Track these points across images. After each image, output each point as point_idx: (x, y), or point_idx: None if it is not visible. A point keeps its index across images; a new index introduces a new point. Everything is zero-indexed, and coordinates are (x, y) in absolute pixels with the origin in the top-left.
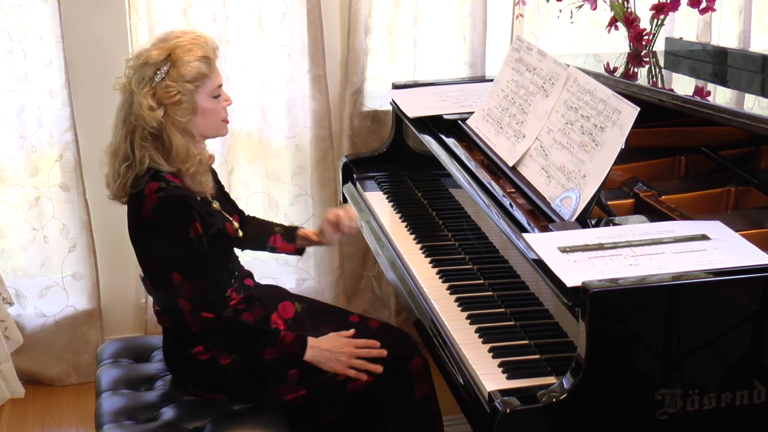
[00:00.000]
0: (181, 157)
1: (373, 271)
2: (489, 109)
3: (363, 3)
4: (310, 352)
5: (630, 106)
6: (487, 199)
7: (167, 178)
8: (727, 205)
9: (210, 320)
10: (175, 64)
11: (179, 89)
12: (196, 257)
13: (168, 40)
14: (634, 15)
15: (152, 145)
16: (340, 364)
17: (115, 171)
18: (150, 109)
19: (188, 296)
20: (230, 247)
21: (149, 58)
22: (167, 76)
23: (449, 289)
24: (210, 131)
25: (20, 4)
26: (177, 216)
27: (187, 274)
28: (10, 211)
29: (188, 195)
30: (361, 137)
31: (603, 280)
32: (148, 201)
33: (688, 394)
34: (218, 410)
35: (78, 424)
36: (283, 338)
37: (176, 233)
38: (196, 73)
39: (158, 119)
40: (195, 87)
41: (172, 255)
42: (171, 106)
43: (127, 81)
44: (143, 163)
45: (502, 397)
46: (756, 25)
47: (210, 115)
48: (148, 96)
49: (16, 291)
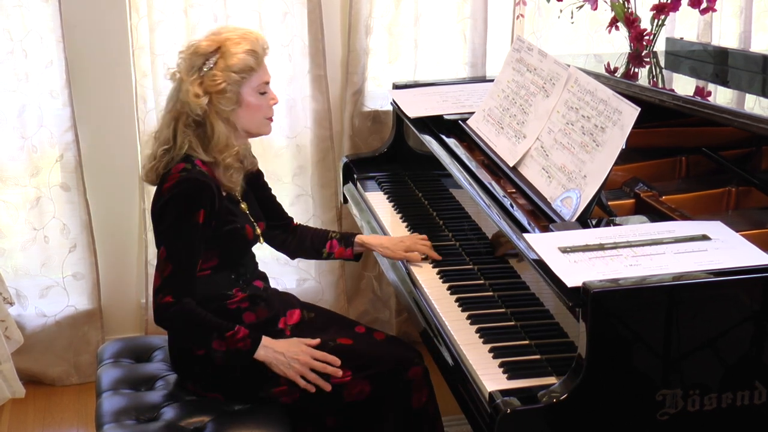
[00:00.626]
0: (220, 145)
1: (373, 272)
2: (490, 110)
3: (364, 3)
4: (263, 352)
5: (631, 107)
6: (487, 200)
7: (196, 162)
8: (727, 206)
9: (168, 303)
10: (223, 55)
11: (225, 79)
12: (188, 242)
13: (219, 33)
14: (634, 15)
15: (194, 133)
16: (292, 371)
17: (153, 153)
18: (195, 96)
19: (162, 273)
20: (246, 248)
21: (199, 49)
22: (215, 66)
23: (450, 290)
24: (253, 127)
25: (21, 4)
26: (188, 197)
27: (172, 253)
28: (10, 211)
29: (208, 182)
30: (361, 137)
31: (604, 281)
32: (171, 178)
33: (688, 394)
34: (219, 410)
35: (78, 424)
36: (234, 333)
37: (181, 212)
38: (243, 65)
39: (203, 107)
40: (241, 78)
41: (168, 230)
42: (216, 94)
43: (177, 69)
44: (182, 148)
45: (503, 397)
46: (756, 26)
47: (254, 110)
48: (195, 84)
49: (16, 291)
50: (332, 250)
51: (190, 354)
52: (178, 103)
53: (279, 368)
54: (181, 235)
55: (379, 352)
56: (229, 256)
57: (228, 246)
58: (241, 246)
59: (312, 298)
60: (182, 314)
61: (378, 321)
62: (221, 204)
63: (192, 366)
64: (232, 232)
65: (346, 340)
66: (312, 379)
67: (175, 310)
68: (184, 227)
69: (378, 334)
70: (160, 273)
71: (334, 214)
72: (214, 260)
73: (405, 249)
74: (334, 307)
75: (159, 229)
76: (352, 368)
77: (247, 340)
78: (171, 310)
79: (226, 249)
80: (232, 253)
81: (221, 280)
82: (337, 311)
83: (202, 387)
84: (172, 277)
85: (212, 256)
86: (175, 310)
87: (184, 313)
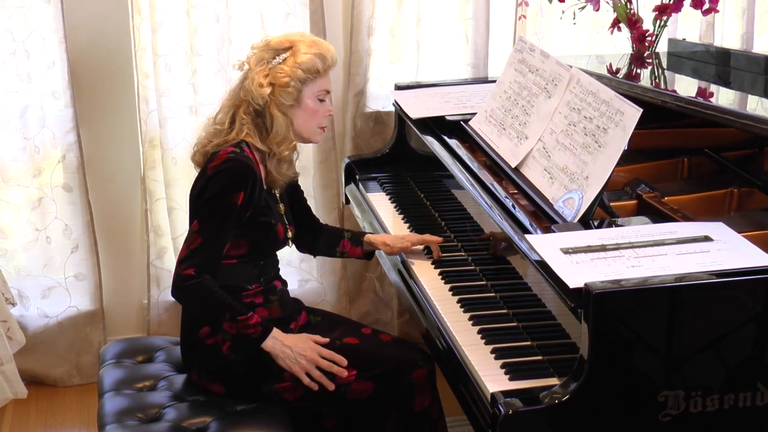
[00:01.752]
0: (279, 137)
1: (375, 273)
2: (492, 111)
3: (366, 4)
4: (270, 342)
5: (633, 108)
6: (489, 201)
7: (245, 149)
8: (730, 207)
9: (188, 276)
10: (294, 53)
11: (291, 74)
12: (221, 220)
13: (295, 35)
14: (636, 16)
15: (253, 121)
16: (297, 366)
17: (208, 135)
18: (259, 86)
19: (190, 245)
20: (275, 245)
21: (272, 44)
22: (284, 61)
23: (451, 290)
24: (305, 131)
25: (23, 5)
26: (231, 177)
27: (203, 227)
28: (13, 212)
29: (252, 167)
30: (363, 138)
31: (606, 282)
32: (217, 159)
33: (690, 395)
34: (221, 411)
35: (81, 425)
36: (247, 318)
37: (221, 190)
38: (311, 65)
39: (264, 97)
40: (305, 77)
41: (205, 205)
42: (278, 87)
43: (246, 60)
44: (239, 133)
45: (505, 398)
46: (759, 27)
47: (310, 115)
48: (261, 74)
49: (18, 291)
50: (345, 249)
51: (199, 342)
52: (242, 90)
53: (285, 362)
54: (216, 211)
55: (384, 353)
56: (257, 249)
57: (259, 238)
58: (271, 242)
59: (314, 299)
60: (199, 288)
61: (380, 322)
62: (261, 194)
63: (200, 353)
64: (266, 225)
65: (352, 340)
66: (317, 377)
67: (193, 283)
68: (221, 204)
69: (384, 336)
70: (187, 245)
71: (336, 215)
72: (243, 248)
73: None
74: (336, 308)
75: (196, 203)
76: (356, 367)
77: (258, 328)
78: (189, 283)
79: (256, 241)
80: (261, 247)
81: (244, 273)
82: (339, 312)
83: (207, 377)
84: (198, 250)
85: (242, 245)
86: (194, 283)
87: (202, 288)
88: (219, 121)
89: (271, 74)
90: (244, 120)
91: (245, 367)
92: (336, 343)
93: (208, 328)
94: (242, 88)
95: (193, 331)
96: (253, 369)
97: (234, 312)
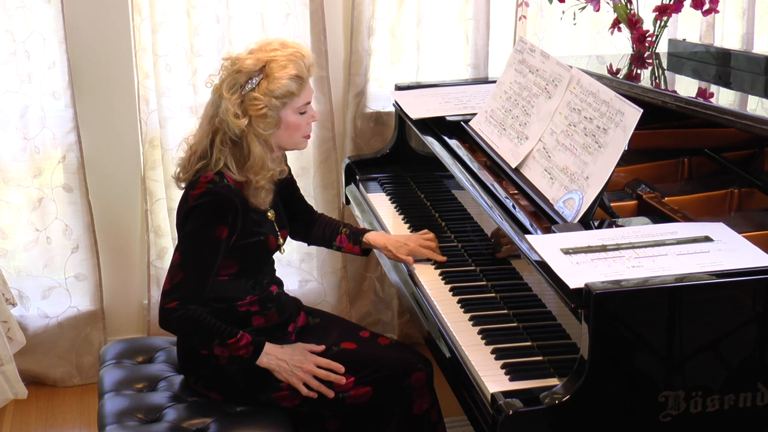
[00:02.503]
0: (255, 168)
1: (375, 273)
2: (492, 111)
3: (366, 4)
4: (265, 360)
5: (633, 108)
6: (489, 201)
7: (226, 176)
8: (730, 207)
9: (172, 309)
10: (267, 77)
11: (266, 103)
12: (203, 255)
13: (265, 51)
14: (637, 17)
15: (230, 151)
16: (295, 378)
17: (188, 161)
18: (235, 117)
19: (173, 279)
20: (267, 258)
21: (243, 67)
22: (257, 87)
23: (452, 291)
24: (289, 145)
25: (24, 6)
26: (211, 212)
27: (185, 262)
28: (13, 212)
29: (233, 199)
30: (363, 139)
31: (606, 282)
32: (198, 187)
33: (691, 396)
34: (221, 412)
35: (81, 425)
36: (237, 341)
37: (202, 225)
38: (285, 91)
39: (241, 128)
40: (282, 104)
41: (186, 238)
42: (256, 117)
43: (220, 82)
44: (217, 165)
45: (505, 398)
46: (759, 27)
47: (292, 130)
48: (236, 104)
49: (19, 292)
50: (342, 244)
51: (195, 352)
52: (217, 118)
53: (282, 375)
54: (197, 246)
55: (382, 357)
56: (248, 266)
57: (249, 257)
58: (262, 256)
59: (314, 299)
60: (185, 320)
61: (380, 323)
62: (245, 220)
63: (196, 364)
64: (255, 244)
65: (349, 345)
66: (315, 387)
67: (177, 316)
68: (201, 239)
69: (383, 339)
70: (170, 278)
71: (337, 215)
72: (233, 268)
73: (407, 252)
74: (336, 309)
75: (180, 234)
76: (354, 373)
77: (249, 348)
78: (174, 316)
79: (246, 259)
80: (253, 264)
81: (237, 287)
82: (339, 313)
83: (205, 386)
84: (181, 284)
85: (232, 264)
86: (178, 315)
87: (187, 318)
88: (201, 153)
89: (246, 103)
90: (222, 150)
91: (242, 377)
92: (333, 349)
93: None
94: (218, 116)
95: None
96: (250, 379)
97: (223, 337)
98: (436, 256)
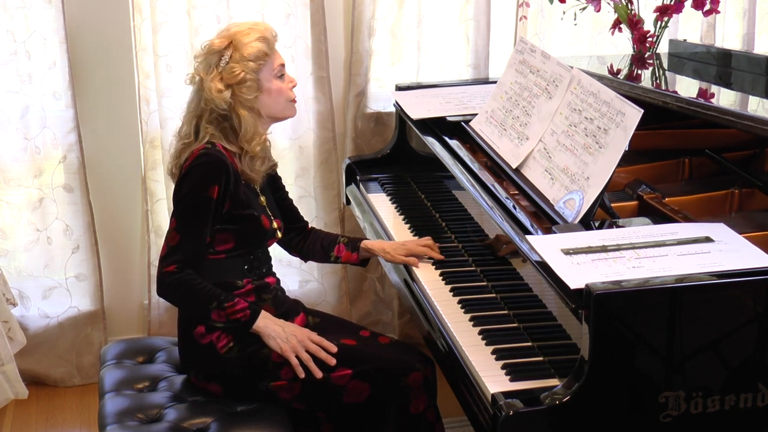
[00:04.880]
0: (248, 135)
1: (376, 273)
2: (492, 111)
3: (366, 5)
4: (261, 322)
5: (634, 108)
6: (490, 201)
7: (217, 146)
8: (731, 208)
9: (169, 272)
10: (237, 48)
11: (243, 69)
12: (198, 215)
13: (228, 29)
14: (637, 17)
15: (218, 127)
16: (287, 345)
17: (176, 150)
18: (218, 92)
19: (170, 243)
20: (263, 238)
21: (213, 46)
22: (231, 59)
23: (452, 291)
24: (278, 111)
25: (24, 6)
26: (203, 171)
27: (181, 224)
28: (13, 212)
29: (225, 161)
30: (364, 139)
31: (606, 282)
32: (191, 156)
33: (691, 396)
34: (222, 411)
35: (81, 425)
36: (234, 304)
37: (195, 185)
38: (257, 51)
39: (227, 100)
40: (257, 66)
41: (181, 201)
42: (237, 85)
43: (195, 72)
44: (203, 139)
45: (505, 399)
46: (760, 27)
47: (276, 95)
48: (216, 80)
49: (19, 292)
50: (339, 254)
51: (195, 342)
52: (202, 101)
53: (275, 341)
54: (192, 207)
55: (380, 355)
56: (244, 242)
57: (244, 231)
58: (257, 234)
59: (315, 299)
60: (181, 283)
61: (380, 323)
62: (238, 187)
63: (195, 354)
64: (248, 217)
65: (349, 341)
66: (305, 359)
67: (174, 279)
68: (196, 199)
69: (383, 338)
70: (167, 242)
71: (337, 215)
72: (229, 243)
73: (406, 253)
74: (337, 309)
75: (174, 202)
76: (352, 367)
77: (246, 312)
78: (172, 278)
79: (241, 233)
80: (248, 240)
81: (233, 268)
82: (340, 313)
83: (204, 377)
84: (178, 247)
85: (228, 239)
86: (175, 278)
87: (184, 282)
88: (184, 134)
89: (225, 76)
90: (207, 129)
91: (241, 366)
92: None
93: (203, 328)
94: (202, 99)
95: (188, 332)
96: (249, 367)
97: (220, 300)
98: (435, 254)
